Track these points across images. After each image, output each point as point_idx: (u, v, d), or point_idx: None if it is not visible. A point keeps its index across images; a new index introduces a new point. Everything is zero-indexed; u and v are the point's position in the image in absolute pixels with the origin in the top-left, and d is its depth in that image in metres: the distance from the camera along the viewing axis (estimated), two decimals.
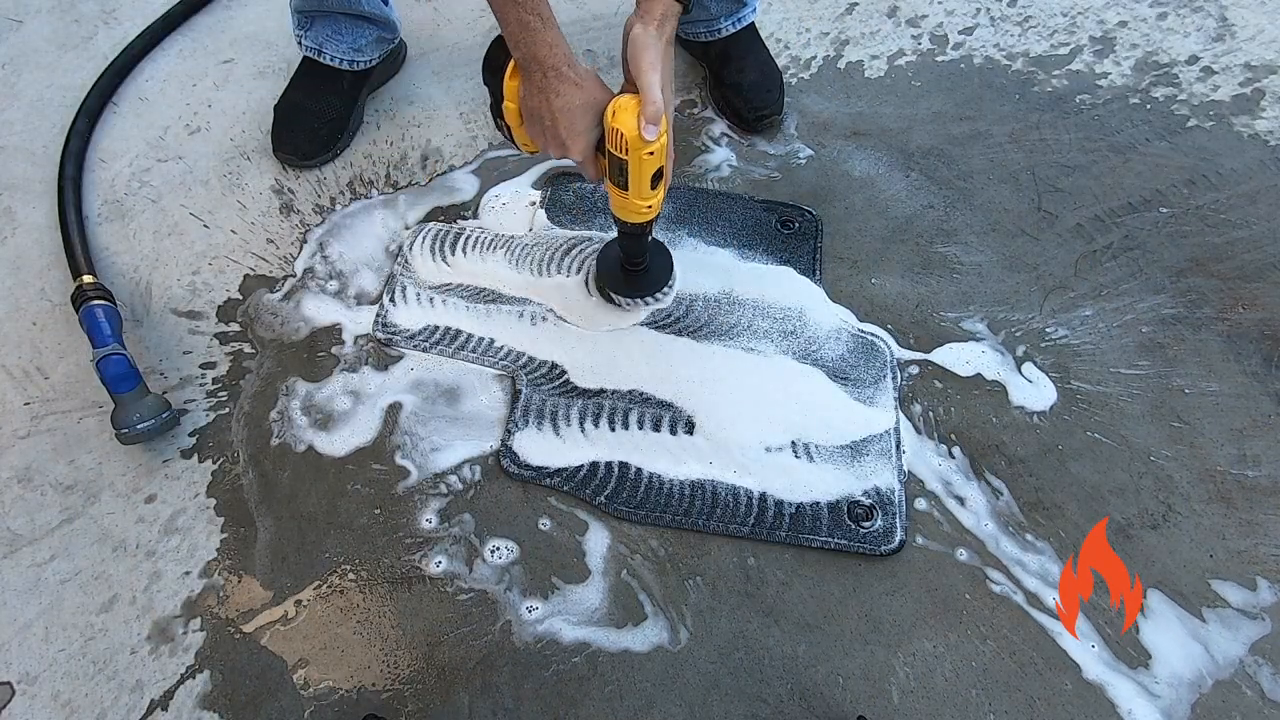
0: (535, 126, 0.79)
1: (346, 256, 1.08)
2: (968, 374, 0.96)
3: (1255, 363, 0.96)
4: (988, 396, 0.94)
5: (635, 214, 0.82)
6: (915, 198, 1.11)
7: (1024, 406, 0.93)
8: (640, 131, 0.72)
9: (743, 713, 0.77)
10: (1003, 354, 0.97)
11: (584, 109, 0.76)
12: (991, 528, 0.86)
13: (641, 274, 0.97)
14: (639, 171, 0.76)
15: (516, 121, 0.81)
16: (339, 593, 0.84)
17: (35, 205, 1.13)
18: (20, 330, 1.02)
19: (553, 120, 0.76)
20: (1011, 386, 0.95)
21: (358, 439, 0.93)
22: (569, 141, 0.77)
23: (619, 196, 0.80)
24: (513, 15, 0.72)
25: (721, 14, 1.15)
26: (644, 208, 0.81)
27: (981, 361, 0.97)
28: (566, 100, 0.75)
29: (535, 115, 0.77)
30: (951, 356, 0.97)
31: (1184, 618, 0.80)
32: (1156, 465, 0.89)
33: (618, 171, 0.77)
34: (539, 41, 0.73)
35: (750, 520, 0.86)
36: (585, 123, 0.76)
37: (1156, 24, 1.30)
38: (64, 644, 0.82)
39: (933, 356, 0.97)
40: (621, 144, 0.73)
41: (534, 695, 0.78)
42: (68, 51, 1.31)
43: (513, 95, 0.79)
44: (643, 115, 0.72)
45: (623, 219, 0.85)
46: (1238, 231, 1.06)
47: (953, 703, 0.77)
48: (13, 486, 0.91)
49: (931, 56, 1.28)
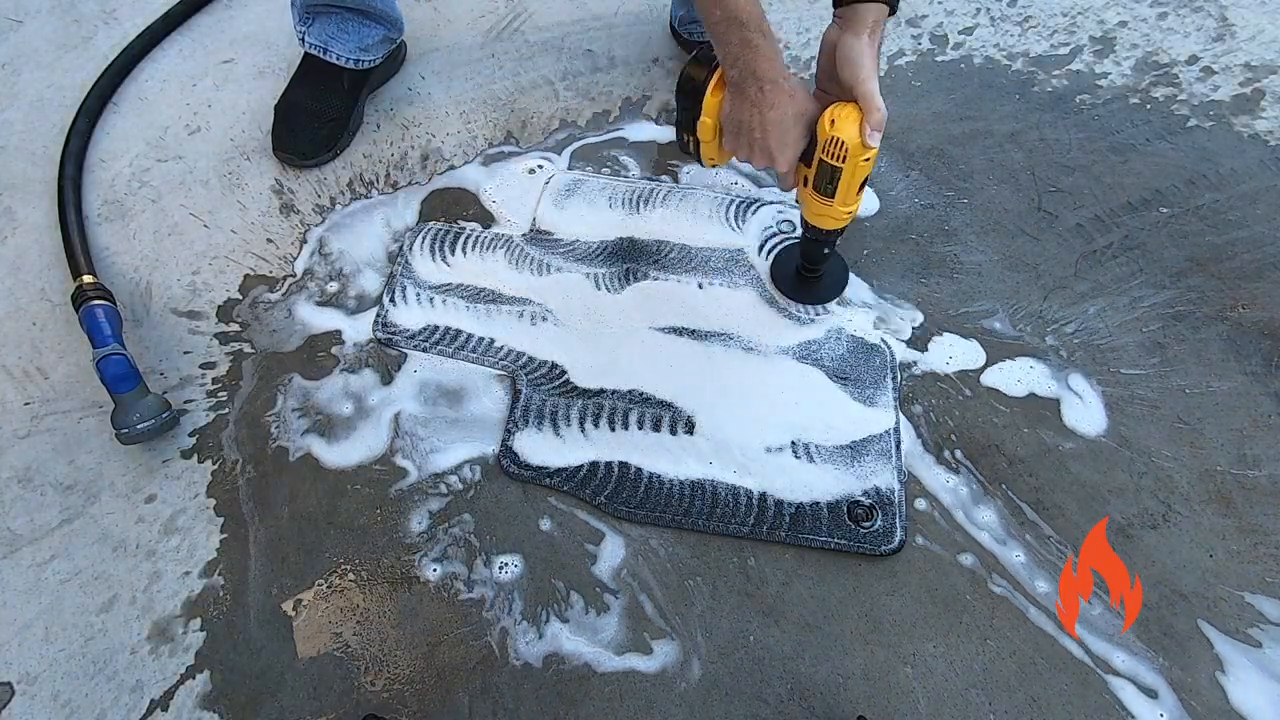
0: (740, 139, 0.79)
1: (347, 256, 1.08)
2: (967, 374, 0.96)
3: (1255, 363, 0.96)
4: (988, 397, 0.94)
5: (835, 220, 0.84)
6: (915, 197, 1.11)
7: (1030, 406, 0.93)
8: (864, 139, 0.73)
9: (743, 713, 0.77)
10: (1001, 354, 0.97)
11: (796, 119, 0.76)
12: (991, 528, 0.86)
13: (817, 280, 0.99)
14: (851, 178, 0.77)
15: (710, 135, 0.82)
16: (339, 593, 0.84)
17: (35, 205, 1.13)
18: (20, 330, 1.02)
19: (764, 131, 0.77)
20: (1003, 387, 0.95)
21: (359, 455, 0.92)
22: (778, 152, 0.78)
23: (821, 203, 0.81)
24: (736, 36, 0.73)
25: None
26: (845, 214, 0.82)
27: (979, 361, 0.97)
28: (781, 111, 0.75)
29: (743, 128, 0.78)
30: (937, 359, 0.97)
31: (1244, 650, 0.78)
32: (1156, 465, 0.89)
33: (827, 180, 0.78)
34: (760, 57, 0.73)
35: (750, 520, 0.86)
36: (796, 133, 0.77)
37: (1156, 24, 1.30)
38: (64, 644, 0.82)
39: (928, 356, 0.97)
40: (840, 151, 0.75)
41: (534, 696, 0.78)
42: (68, 51, 1.31)
43: (712, 110, 0.80)
44: (867, 123, 0.73)
45: (819, 226, 0.86)
46: (1238, 231, 1.06)
47: (953, 703, 0.77)
48: (13, 486, 0.91)
49: (931, 56, 1.28)
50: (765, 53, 0.74)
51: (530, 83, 1.26)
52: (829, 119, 0.74)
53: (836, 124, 0.74)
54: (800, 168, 0.81)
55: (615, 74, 1.27)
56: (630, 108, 1.23)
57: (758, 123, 0.77)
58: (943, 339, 0.98)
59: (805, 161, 0.80)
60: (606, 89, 1.25)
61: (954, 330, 0.99)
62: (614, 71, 1.27)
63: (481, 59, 1.29)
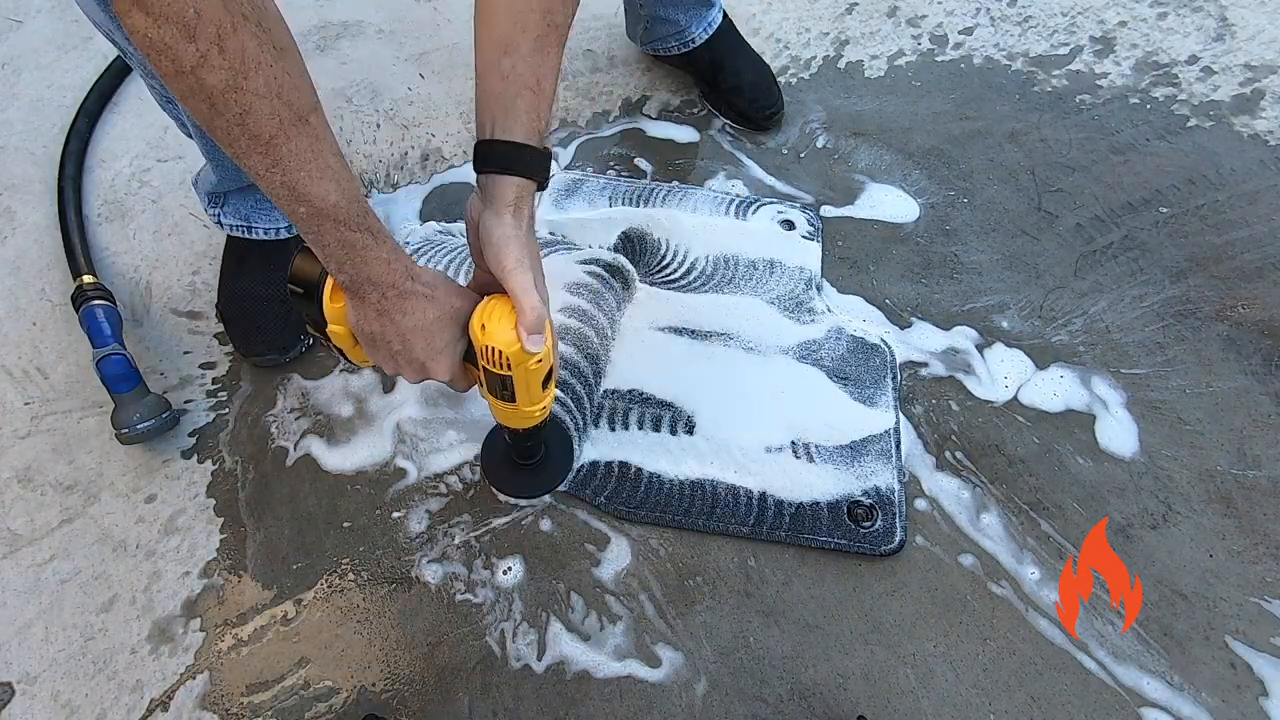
0: (380, 353, 0.64)
1: None
2: (967, 374, 0.96)
3: (1255, 363, 0.96)
4: (967, 389, 0.94)
5: (527, 420, 0.71)
6: (915, 197, 1.11)
7: (1031, 406, 0.93)
8: (523, 345, 0.61)
9: (743, 713, 0.77)
10: (1000, 354, 0.97)
11: (441, 323, 0.63)
12: (991, 528, 0.86)
13: (536, 466, 0.87)
14: (526, 383, 0.65)
15: (350, 344, 0.67)
16: (339, 593, 0.84)
17: (35, 205, 1.13)
18: (20, 330, 1.02)
19: (404, 344, 0.62)
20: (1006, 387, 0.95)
21: (360, 460, 0.92)
22: (430, 362, 0.64)
23: (505, 408, 0.69)
24: (332, 236, 0.56)
25: (690, 22, 1.13)
26: (536, 412, 0.70)
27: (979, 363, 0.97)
28: (418, 318, 0.61)
29: (379, 341, 0.63)
30: (940, 354, 0.97)
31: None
32: (1156, 465, 0.89)
33: (500, 387, 0.65)
34: (372, 259, 0.58)
35: (750, 520, 0.86)
36: (446, 338, 0.64)
37: (1156, 24, 1.30)
38: (64, 644, 0.82)
39: (925, 355, 0.97)
40: (501, 361, 0.62)
41: (534, 696, 0.78)
42: (68, 51, 1.31)
43: (338, 318, 0.64)
44: (521, 325, 0.60)
45: (512, 427, 0.74)
46: (1238, 231, 1.06)
47: (953, 703, 0.77)
48: (13, 486, 0.91)
49: (931, 56, 1.28)
50: (376, 254, 0.58)
51: None
52: (479, 324, 0.61)
53: (488, 330, 0.61)
54: (469, 368, 0.68)
55: (615, 74, 1.27)
56: (630, 108, 1.23)
57: (394, 334, 0.62)
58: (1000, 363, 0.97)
59: (472, 362, 0.66)
60: (607, 89, 1.25)
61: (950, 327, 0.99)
62: (614, 71, 1.27)
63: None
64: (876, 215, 1.10)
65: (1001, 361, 0.97)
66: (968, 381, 0.95)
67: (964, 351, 0.98)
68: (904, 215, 1.10)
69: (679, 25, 1.13)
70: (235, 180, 0.89)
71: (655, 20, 1.14)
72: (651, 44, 1.20)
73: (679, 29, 1.14)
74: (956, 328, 0.99)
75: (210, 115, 0.49)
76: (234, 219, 0.95)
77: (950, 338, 0.99)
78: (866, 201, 1.11)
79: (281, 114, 0.50)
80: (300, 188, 0.53)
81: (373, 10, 1.35)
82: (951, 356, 0.97)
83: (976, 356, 0.97)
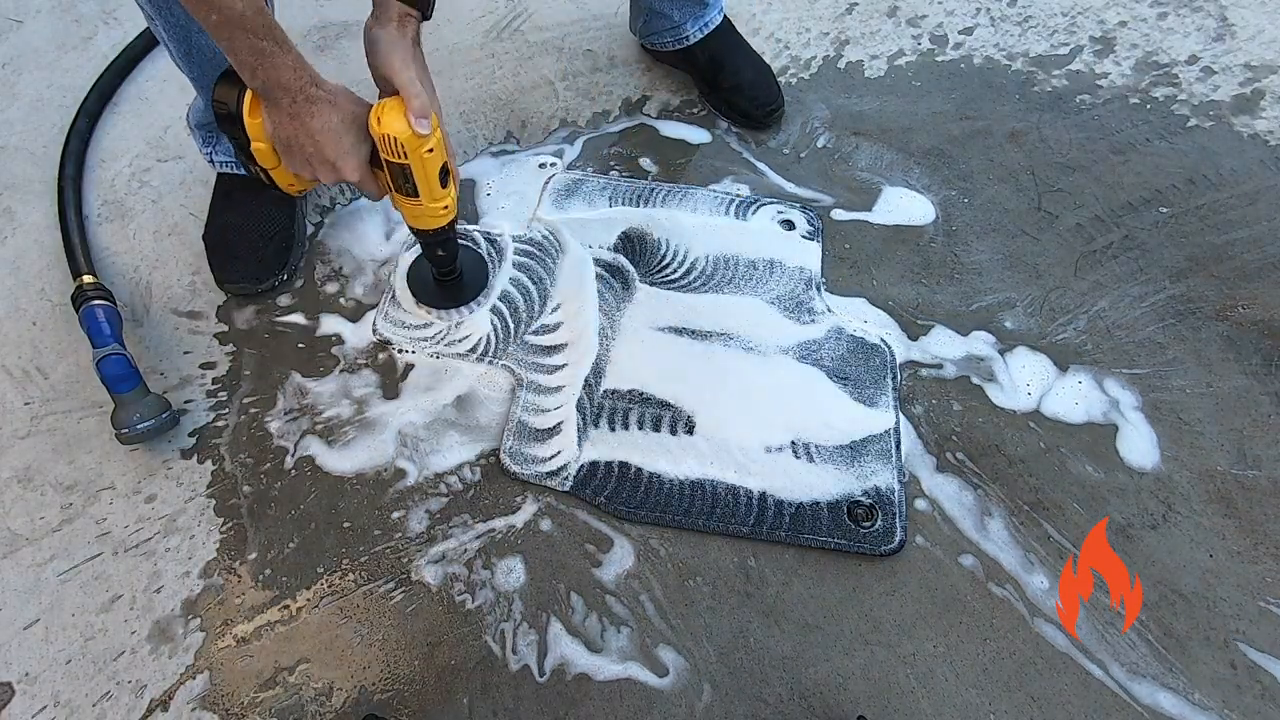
0: (296, 157, 0.73)
1: (347, 256, 1.08)
2: (967, 374, 0.96)
3: (1255, 363, 0.96)
4: (987, 396, 0.94)
5: (434, 218, 0.79)
6: (929, 198, 1.11)
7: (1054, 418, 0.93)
8: (414, 129, 0.69)
9: (743, 713, 0.77)
10: (1001, 354, 0.97)
11: (345, 125, 0.71)
12: (991, 528, 0.86)
13: (456, 281, 0.94)
14: (424, 172, 0.73)
15: (273, 161, 0.75)
16: (339, 593, 0.84)
17: (35, 205, 1.13)
18: (20, 330, 1.02)
19: (315, 145, 0.71)
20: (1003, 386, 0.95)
21: (360, 463, 0.92)
22: (339, 162, 0.73)
23: (412, 206, 0.77)
24: (243, 43, 0.65)
25: (685, 20, 1.14)
26: (440, 210, 0.77)
27: (980, 364, 0.97)
28: (324, 120, 0.70)
29: (293, 145, 0.72)
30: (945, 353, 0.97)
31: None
32: (1157, 465, 0.89)
33: (402, 179, 0.73)
34: (280, 65, 0.67)
35: (750, 520, 0.86)
36: (351, 139, 0.72)
37: (1156, 24, 1.30)
38: (64, 644, 0.82)
39: (925, 356, 0.97)
40: (398, 149, 0.71)
41: (534, 696, 0.78)
42: (68, 51, 1.31)
43: (259, 133, 0.73)
44: (410, 112, 0.69)
45: (422, 228, 0.81)
46: (1238, 231, 1.06)
47: (953, 703, 0.77)
48: (13, 486, 0.91)
49: (931, 56, 1.28)
50: (283, 60, 0.67)
51: (530, 83, 1.26)
52: (375, 118, 0.71)
53: (383, 121, 0.70)
54: (378, 174, 0.77)
55: (615, 74, 1.27)
56: (630, 108, 1.23)
57: (305, 136, 0.70)
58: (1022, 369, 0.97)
59: (378, 166, 0.75)
60: (606, 89, 1.25)
61: (955, 329, 0.99)
62: (614, 71, 1.27)
63: (481, 59, 1.29)
64: (895, 220, 1.09)
65: (1024, 368, 0.96)
66: (967, 382, 0.95)
67: (986, 359, 0.97)
68: (920, 218, 1.09)
69: (674, 21, 1.14)
70: None
71: (653, 14, 1.15)
72: (649, 38, 1.21)
73: (674, 25, 1.15)
74: (974, 333, 0.99)
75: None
76: (226, 155, 1.02)
77: (969, 343, 0.98)
78: (884, 206, 1.10)
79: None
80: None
81: None
82: (975, 364, 0.96)
83: (1000, 362, 0.96)
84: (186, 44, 0.86)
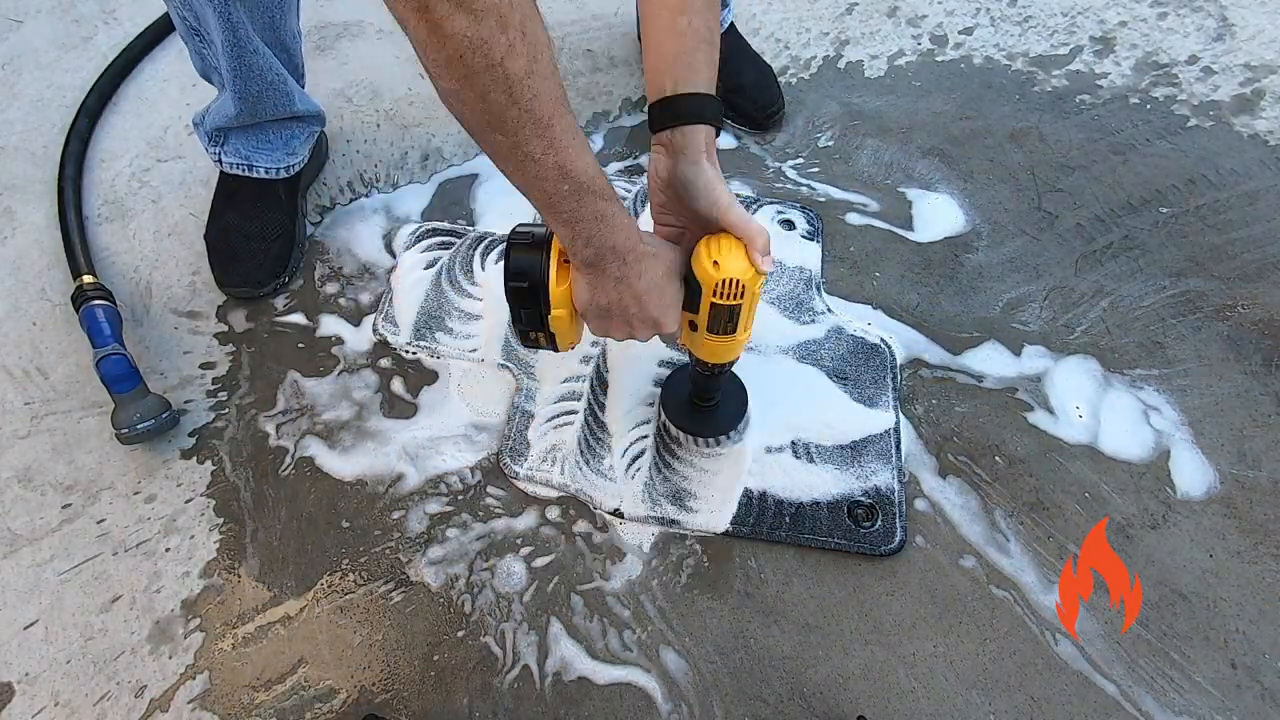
0: (614, 321, 0.68)
1: (346, 256, 1.08)
2: (967, 375, 0.96)
3: (1255, 363, 0.96)
4: (988, 396, 0.94)
5: (736, 351, 0.74)
6: (961, 205, 1.11)
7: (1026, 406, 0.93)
8: (758, 268, 0.63)
9: (743, 713, 0.77)
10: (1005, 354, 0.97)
11: (669, 276, 0.66)
12: (992, 528, 0.86)
13: (713, 410, 0.89)
14: (750, 308, 0.67)
15: (566, 326, 0.70)
16: (339, 593, 0.84)
17: (35, 205, 1.13)
18: (20, 330, 1.02)
19: (640, 305, 0.65)
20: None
21: (360, 468, 0.92)
22: (662, 317, 0.67)
23: (721, 341, 0.71)
24: (590, 209, 0.59)
25: None
26: (744, 341, 0.72)
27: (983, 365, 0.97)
28: (651, 278, 0.65)
29: (613, 310, 0.66)
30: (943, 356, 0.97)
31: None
32: (1157, 465, 0.89)
33: (726, 320, 0.67)
34: (617, 227, 0.61)
35: (750, 520, 0.86)
36: (674, 290, 0.67)
37: (1156, 24, 1.30)
38: (64, 644, 0.82)
39: (926, 356, 0.97)
40: (736, 290, 0.64)
41: (534, 697, 0.78)
42: (68, 51, 1.31)
43: (563, 302, 0.67)
44: (754, 251, 0.63)
45: (721, 362, 0.75)
46: (1238, 231, 1.06)
47: (953, 703, 0.77)
48: (13, 486, 0.91)
49: (931, 56, 1.28)
50: (621, 221, 0.61)
51: None
52: (709, 261, 0.63)
53: (721, 265, 0.63)
54: (684, 316, 0.70)
55: (615, 74, 1.27)
56: (630, 108, 1.23)
57: (630, 298, 0.65)
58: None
59: (689, 309, 0.69)
60: (607, 89, 1.25)
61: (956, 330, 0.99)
62: (614, 71, 1.27)
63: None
64: (935, 232, 1.08)
65: (1024, 368, 0.95)
66: (968, 381, 0.95)
67: (986, 359, 0.96)
68: (953, 225, 1.09)
69: None
70: (252, 114, 0.95)
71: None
72: None
73: None
74: (974, 334, 0.99)
75: (505, 105, 0.51)
76: (234, 157, 1.01)
77: (968, 343, 0.98)
78: (920, 215, 1.09)
79: (556, 93, 0.53)
80: (568, 165, 0.56)
81: (373, 10, 1.35)
82: (975, 364, 0.96)
83: (1000, 363, 0.96)
84: (240, 60, 0.87)
